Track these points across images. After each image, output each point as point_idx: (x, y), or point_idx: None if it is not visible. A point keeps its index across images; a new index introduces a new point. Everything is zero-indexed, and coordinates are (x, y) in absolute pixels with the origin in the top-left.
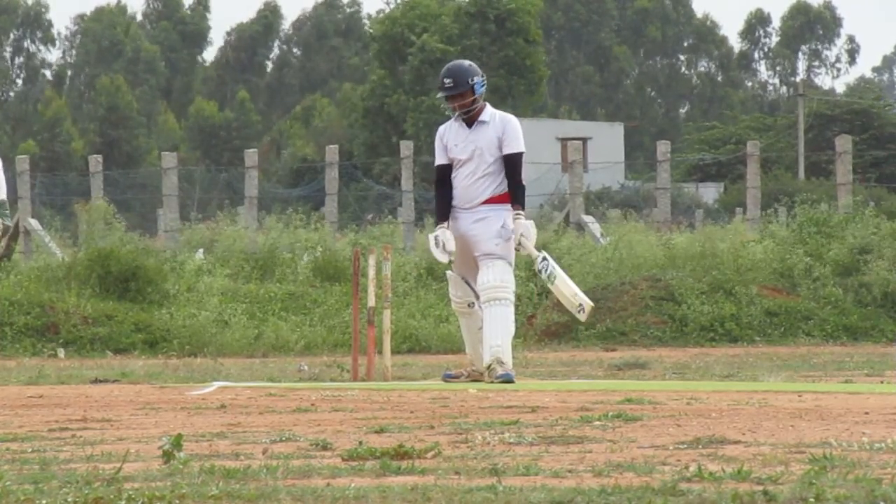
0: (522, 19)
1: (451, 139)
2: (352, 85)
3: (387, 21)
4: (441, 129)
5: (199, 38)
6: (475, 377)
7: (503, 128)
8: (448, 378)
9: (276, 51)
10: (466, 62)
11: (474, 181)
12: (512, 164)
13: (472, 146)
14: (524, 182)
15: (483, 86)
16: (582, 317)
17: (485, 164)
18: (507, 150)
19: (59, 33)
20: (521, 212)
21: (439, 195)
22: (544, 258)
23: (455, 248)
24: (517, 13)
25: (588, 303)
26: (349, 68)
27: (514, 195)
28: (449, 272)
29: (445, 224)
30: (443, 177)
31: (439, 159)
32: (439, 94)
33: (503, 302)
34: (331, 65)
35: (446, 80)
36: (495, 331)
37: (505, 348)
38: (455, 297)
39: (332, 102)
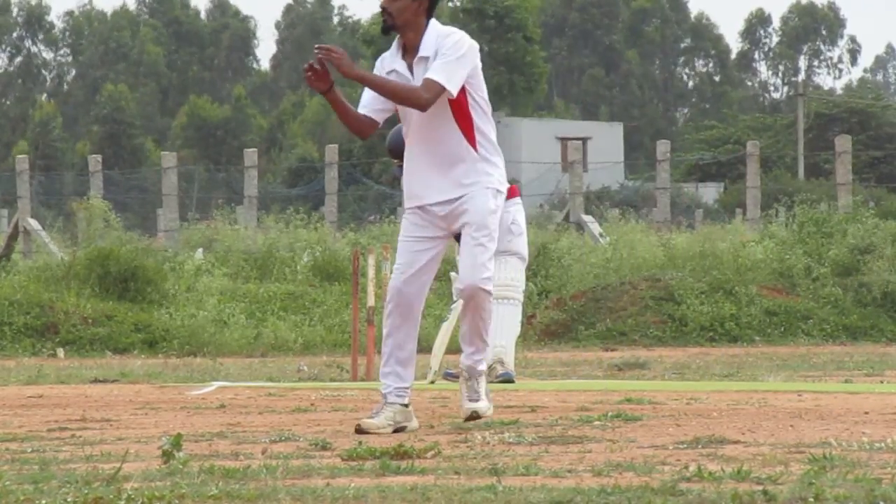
0: (521, 16)
1: None
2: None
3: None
4: None
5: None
6: None
7: None
8: (449, 377)
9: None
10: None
11: None
12: None
13: None
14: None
15: None
16: (428, 377)
17: None
18: None
19: (62, 33)
20: None
21: None
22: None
23: None
24: (515, 10)
25: (433, 372)
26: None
27: None
28: (453, 273)
29: None
30: None
31: None
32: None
33: (511, 301)
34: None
35: (396, 161)
36: (500, 331)
37: (508, 349)
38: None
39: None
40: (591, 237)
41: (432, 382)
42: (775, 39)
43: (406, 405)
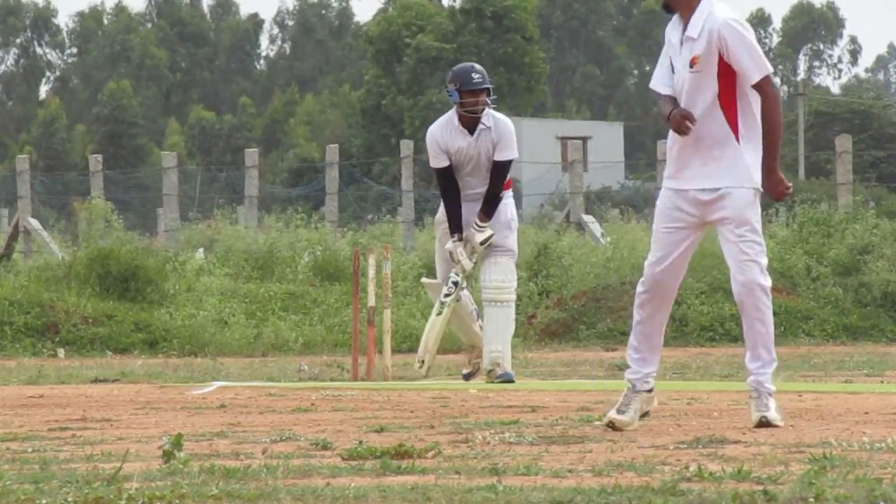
0: (519, 16)
1: (452, 145)
2: (347, 86)
3: (383, 22)
4: (435, 131)
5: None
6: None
7: (499, 133)
8: (467, 377)
9: (265, 49)
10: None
11: (479, 184)
12: (500, 170)
13: (474, 153)
14: (520, 181)
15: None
16: (420, 370)
17: (485, 169)
18: (498, 157)
19: (69, 32)
20: (485, 223)
21: (448, 200)
22: (456, 284)
23: (468, 260)
24: (514, 10)
25: (428, 363)
26: (339, 63)
27: (487, 201)
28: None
29: (458, 235)
30: (447, 180)
31: (439, 162)
32: (454, 91)
33: (505, 304)
34: (319, 60)
35: (475, 76)
36: (496, 336)
37: (505, 354)
38: (439, 298)
39: (316, 99)
40: (591, 237)
41: (425, 377)
42: (776, 39)
43: (650, 390)
